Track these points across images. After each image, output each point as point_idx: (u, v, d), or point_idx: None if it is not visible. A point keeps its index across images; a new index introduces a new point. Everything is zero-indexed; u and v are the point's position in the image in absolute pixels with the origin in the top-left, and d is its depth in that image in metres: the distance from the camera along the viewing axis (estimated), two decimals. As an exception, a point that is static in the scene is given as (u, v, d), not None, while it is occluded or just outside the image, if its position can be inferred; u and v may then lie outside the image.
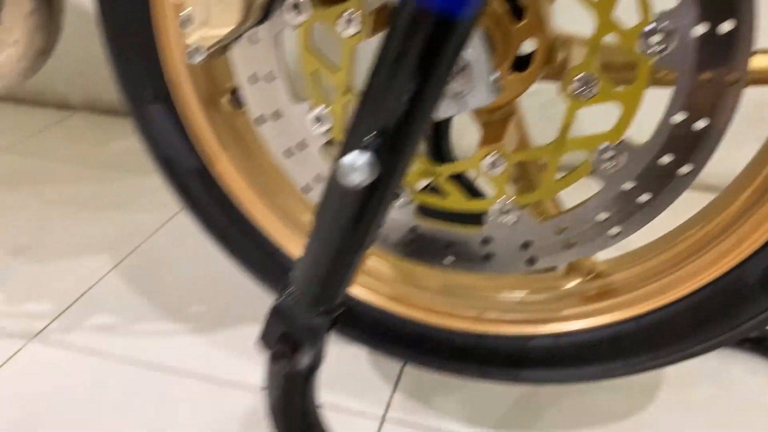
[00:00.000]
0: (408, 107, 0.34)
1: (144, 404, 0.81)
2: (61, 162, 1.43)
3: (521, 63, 0.57)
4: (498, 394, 0.83)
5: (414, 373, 0.86)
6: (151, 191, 1.32)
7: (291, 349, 0.44)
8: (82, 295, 1.01)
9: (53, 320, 0.95)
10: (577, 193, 0.60)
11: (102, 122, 1.62)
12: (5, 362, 0.88)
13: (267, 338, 0.44)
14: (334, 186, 0.36)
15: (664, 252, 0.62)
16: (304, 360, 0.44)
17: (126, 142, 1.53)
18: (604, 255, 0.65)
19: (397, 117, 0.34)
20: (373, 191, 0.36)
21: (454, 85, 0.49)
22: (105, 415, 0.79)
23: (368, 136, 0.34)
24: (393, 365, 0.87)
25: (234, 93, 0.67)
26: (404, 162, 0.35)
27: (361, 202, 0.36)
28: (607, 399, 0.82)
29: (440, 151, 0.75)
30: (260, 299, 1.00)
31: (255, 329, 0.93)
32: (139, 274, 1.06)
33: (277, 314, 0.43)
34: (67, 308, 0.98)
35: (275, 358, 0.44)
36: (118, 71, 0.66)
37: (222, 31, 0.53)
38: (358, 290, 0.68)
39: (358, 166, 0.33)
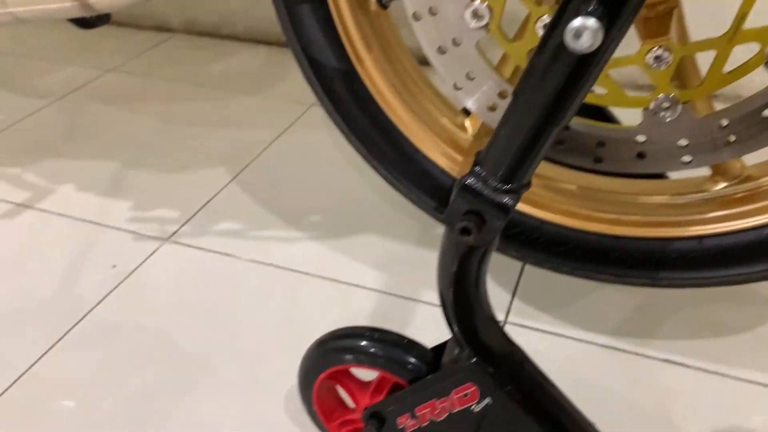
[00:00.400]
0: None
1: (276, 301, 0.86)
2: (167, 82, 1.48)
3: (689, -46, 0.56)
4: (614, 304, 0.85)
5: (530, 281, 0.88)
6: (256, 110, 1.35)
7: (476, 225, 0.46)
8: (207, 203, 1.06)
9: (183, 224, 1.01)
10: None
11: (201, 44, 1.66)
12: (145, 260, 0.94)
13: (452, 214, 0.46)
14: (553, 50, 0.37)
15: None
16: (488, 237, 0.46)
17: (226, 63, 1.56)
18: (751, 159, 0.64)
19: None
20: (592, 59, 0.36)
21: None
22: (242, 309, 0.85)
23: (592, 3, 0.35)
24: (510, 272, 0.90)
25: (381, -6, 0.68)
26: (623, 33, 0.36)
27: (580, 68, 0.37)
28: (724, 313, 0.83)
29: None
30: (370, 209, 1.04)
31: (370, 237, 0.97)
32: (256, 185, 1.10)
33: (464, 190, 0.45)
34: (194, 214, 1.03)
35: (460, 233, 0.46)
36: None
37: None
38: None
39: (587, 29, 0.34)
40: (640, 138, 0.61)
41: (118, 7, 0.84)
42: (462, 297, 0.51)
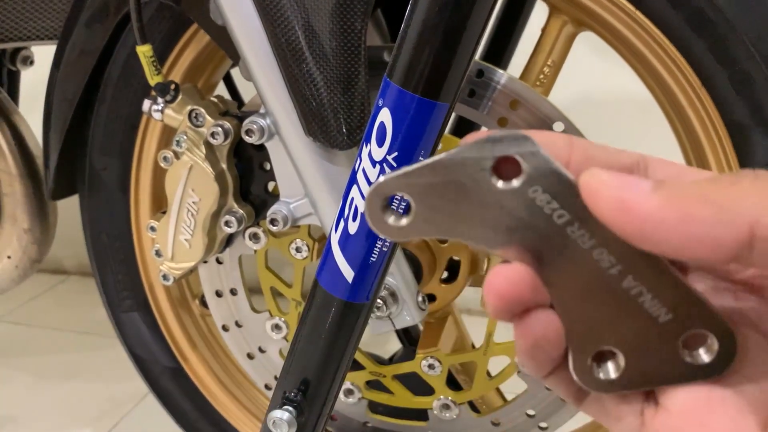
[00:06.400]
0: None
1: None
2: (51, 330, 1.49)
3: (452, 271, 0.66)
4: None
5: None
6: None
7: None
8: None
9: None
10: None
11: (93, 286, 1.69)
12: None
13: None
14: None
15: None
16: None
17: (115, 306, 1.59)
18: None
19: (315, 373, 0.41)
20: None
21: (387, 307, 0.57)
22: None
23: (294, 391, 0.41)
24: None
25: (203, 297, 0.75)
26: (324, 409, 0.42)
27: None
28: None
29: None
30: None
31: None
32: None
33: None
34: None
35: None
36: (101, 281, 0.75)
37: (186, 265, 0.62)
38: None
39: (282, 420, 0.41)
40: (431, 433, 0.66)
41: None
42: None
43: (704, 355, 0.22)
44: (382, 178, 0.22)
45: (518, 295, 0.22)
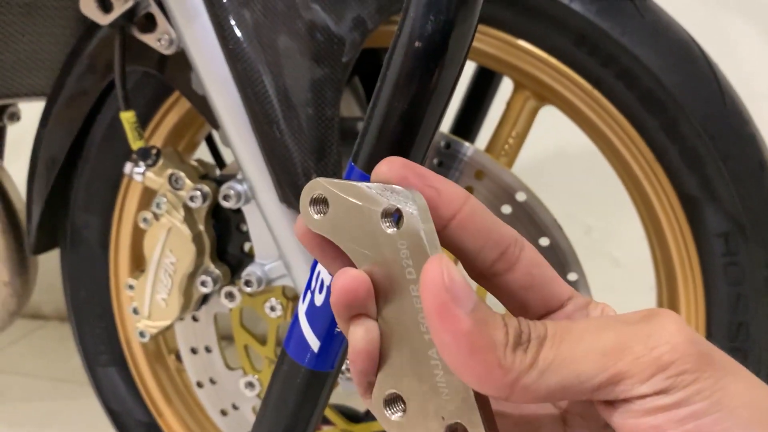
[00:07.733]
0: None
1: None
2: (28, 378, 1.48)
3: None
4: None
5: None
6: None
7: None
8: None
9: None
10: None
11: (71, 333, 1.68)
12: None
13: None
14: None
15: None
16: None
17: (93, 353, 1.58)
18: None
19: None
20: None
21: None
22: None
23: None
24: None
25: (179, 353, 0.76)
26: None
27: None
28: None
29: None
30: None
31: None
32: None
33: None
34: None
35: None
36: (79, 336, 0.76)
37: (162, 323, 0.63)
38: None
39: None
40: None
41: None
42: None
43: None
44: (318, 178, 0.27)
45: (358, 294, 0.25)
